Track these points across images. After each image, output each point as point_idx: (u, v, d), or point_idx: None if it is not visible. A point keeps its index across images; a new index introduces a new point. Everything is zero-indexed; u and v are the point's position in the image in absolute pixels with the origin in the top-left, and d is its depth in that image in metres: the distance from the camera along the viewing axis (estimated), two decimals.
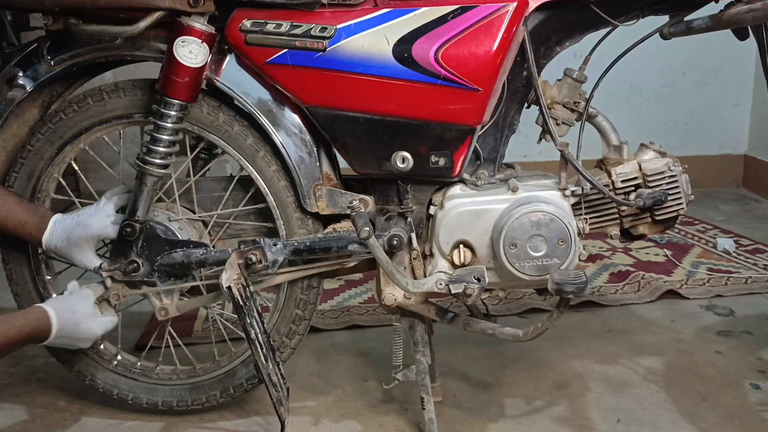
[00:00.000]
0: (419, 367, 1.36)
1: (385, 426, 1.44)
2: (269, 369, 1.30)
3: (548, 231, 1.22)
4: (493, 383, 1.59)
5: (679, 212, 1.31)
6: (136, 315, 1.57)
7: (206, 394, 1.45)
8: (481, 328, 1.32)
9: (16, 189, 1.38)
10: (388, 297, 1.33)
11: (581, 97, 1.33)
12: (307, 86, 1.25)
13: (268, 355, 1.31)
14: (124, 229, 1.32)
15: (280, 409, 1.32)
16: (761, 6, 1.14)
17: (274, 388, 1.31)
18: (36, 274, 1.43)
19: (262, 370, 1.29)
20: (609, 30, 1.30)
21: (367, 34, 1.20)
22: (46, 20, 1.28)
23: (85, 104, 1.35)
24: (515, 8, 1.18)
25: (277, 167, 1.34)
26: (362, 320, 1.92)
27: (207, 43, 1.24)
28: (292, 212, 1.35)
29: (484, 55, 1.19)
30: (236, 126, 1.33)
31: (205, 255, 1.33)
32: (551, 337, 1.77)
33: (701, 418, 1.43)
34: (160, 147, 1.30)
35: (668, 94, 3.25)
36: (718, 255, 2.37)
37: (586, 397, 1.53)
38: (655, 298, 2.01)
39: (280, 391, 1.32)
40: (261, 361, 1.29)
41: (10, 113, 1.33)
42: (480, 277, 1.21)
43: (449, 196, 1.30)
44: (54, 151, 1.37)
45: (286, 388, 1.35)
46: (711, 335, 1.80)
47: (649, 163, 1.30)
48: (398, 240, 1.31)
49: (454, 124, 1.24)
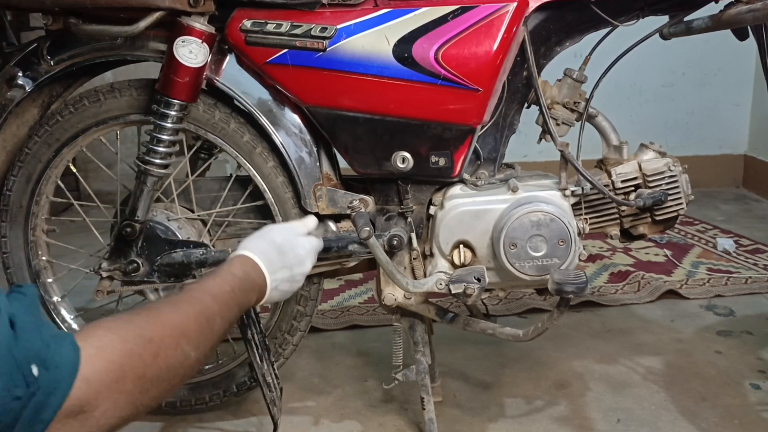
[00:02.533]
0: (419, 367, 1.36)
1: (385, 426, 1.44)
2: (264, 369, 1.30)
3: (548, 231, 1.22)
4: (493, 383, 1.59)
5: (679, 212, 1.31)
6: None
7: (209, 393, 1.45)
8: (481, 328, 1.32)
9: (15, 192, 1.38)
10: (388, 297, 1.33)
11: (581, 97, 1.33)
12: (307, 86, 1.25)
13: (263, 355, 1.31)
14: (124, 229, 1.32)
15: (273, 409, 1.32)
16: (761, 6, 1.14)
17: (268, 389, 1.31)
18: (36, 278, 1.43)
19: (256, 370, 1.29)
20: (609, 30, 1.30)
21: (368, 34, 1.20)
22: (46, 20, 1.28)
23: (81, 106, 1.34)
24: (515, 8, 1.18)
25: (275, 164, 1.34)
26: (362, 320, 1.92)
27: (207, 43, 1.24)
28: (290, 208, 1.35)
29: (485, 55, 1.19)
30: (232, 123, 1.33)
31: (205, 255, 1.33)
32: (551, 337, 1.77)
33: (701, 418, 1.43)
34: (161, 147, 1.29)
35: (668, 94, 3.25)
36: (718, 255, 2.37)
37: (586, 397, 1.53)
38: (655, 298, 2.01)
39: (274, 391, 1.32)
40: (256, 361, 1.29)
41: (9, 113, 1.33)
42: (480, 277, 1.21)
43: (449, 196, 1.30)
44: (51, 153, 1.37)
45: (279, 389, 1.35)
46: (711, 335, 1.80)
47: (649, 163, 1.30)
48: (398, 240, 1.31)
49: (454, 124, 1.24)
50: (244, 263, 1.03)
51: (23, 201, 1.39)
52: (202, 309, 0.88)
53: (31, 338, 0.65)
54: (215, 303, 0.91)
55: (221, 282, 0.96)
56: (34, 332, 0.66)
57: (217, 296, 0.93)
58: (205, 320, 0.88)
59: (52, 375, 0.65)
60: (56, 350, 0.66)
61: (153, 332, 0.78)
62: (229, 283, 0.97)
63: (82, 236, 1.55)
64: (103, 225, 1.47)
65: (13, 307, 0.66)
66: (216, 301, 0.92)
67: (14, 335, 0.64)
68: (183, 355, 0.81)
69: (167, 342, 0.79)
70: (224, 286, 0.95)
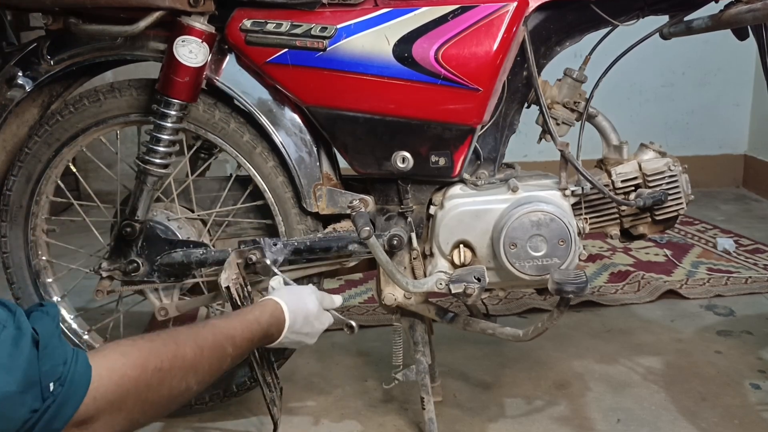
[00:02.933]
0: (419, 367, 1.36)
1: (385, 426, 1.44)
2: (263, 369, 1.30)
3: (548, 231, 1.22)
4: (493, 383, 1.59)
5: (679, 212, 1.31)
6: (136, 315, 1.57)
7: (209, 393, 1.45)
8: (481, 328, 1.32)
9: (15, 192, 1.38)
10: (388, 297, 1.33)
11: (581, 97, 1.33)
12: (307, 86, 1.25)
13: (263, 355, 1.31)
14: (124, 228, 1.32)
15: (273, 409, 1.32)
16: (761, 6, 1.14)
17: (268, 388, 1.31)
18: (36, 278, 1.43)
19: (256, 370, 1.29)
20: (609, 30, 1.30)
21: (368, 33, 1.20)
22: (46, 20, 1.28)
23: (81, 105, 1.34)
24: (515, 8, 1.18)
25: (275, 163, 1.34)
26: (362, 320, 1.92)
27: (207, 42, 1.24)
28: (290, 208, 1.35)
29: (485, 55, 1.19)
30: (232, 123, 1.33)
31: (204, 255, 1.33)
32: (551, 337, 1.77)
33: (701, 418, 1.43)
34: (161, 147, 1.29)
35: (668, 94, 3.25)
36: (718, 255, 2.37)
37: (586, 397, 1.53)
38: (655, 298, 2.01)
39: (274, 391, 1.32)
40: (256, 360, 1.29)
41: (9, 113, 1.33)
42: (480, 277, 1.21)
43: (449, 195, 1.30)
44: (51, 153, 1.37)
45: (279, 389, 1.35)
46: (711, 335, 1.80)
47: (649, 163, 1.30)
48: (398, 240, 1.31)
49: (454, 124, 1.24)
50: (274, 316, 1.10)
51: (23, 201, 1.39)
52: (218, 353, 0.95)
53: (51, 357, 0.74)
54: (233, 348, 0.98)
55: (246, 329, 1.03)
56: (54, 351, 0.75)
57: (237, 343, 1.00)
58: (217, 361, 0.95)
59: (66, 390, 0.74)
60: (72, 368, 0.75)
61: (164, 362, 0.85)
62: (252, 332, 1.04)
63: (82, 236, 1.55)
64: (103, 225, 1.47)
65: (37, 325, 0.75)
66: (234, 347, 0.99)
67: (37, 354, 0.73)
68: (186, 387, 0.89)
69: (175, 373, 0.87)
70: (246, 334, 1.02)
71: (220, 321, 1.03)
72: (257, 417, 1.48)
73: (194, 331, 0.95)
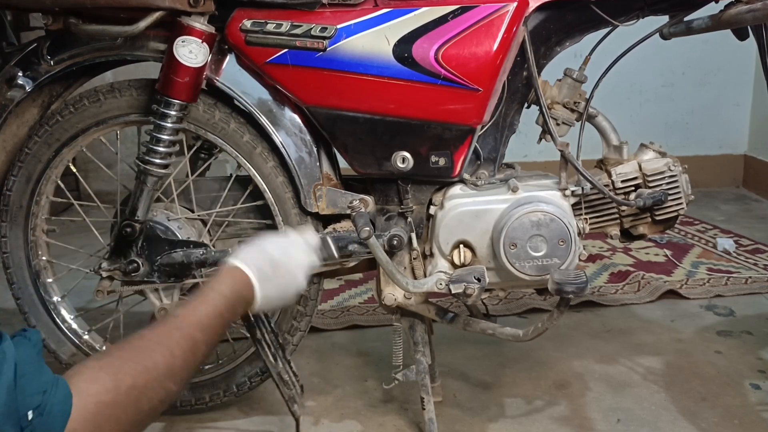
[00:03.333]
0: (419, 367, 1.36)
1: (385, 426, 1.44)
2: (279, 368, 1.30)
3: (548, 231, 1.22)
4: (493, 383, 1.59)
5: (679, 212, 1.31)
6: (136, 315, 1.57)
7: (210, 393, 1.45)
8: (481, 328, 1.32)
9: (15, 192, 1.38)
10: (388, 297, 1.33)
11: (581, 97, 1.33)
12: (307, 86, 1.25)
13: (277, 354, 1.30)
14: (124, 229, 1.32)
15: (293, 406, 1.31)
16: (761, 6, 1.14)
17: (285, 386, 1.30)
18: (36, 278, 1.43)
19: (271, 370, 1.29)
20: (609, 30, 1.30)
21: (368, 34, 1.20)
22: (46, 20, 1.28)
23: (81, 106, 1.34)
24: (515, 8, 1.18)
25: (275, 163, 1.34)
26: (362, 320, 1.92)
27: (207, 43, 1.24)
28: (290, 208, 1.35)
29: (485, 55, 1.19)
30: (232, 123, 1.33)
31: (205, 255, 1.33)
32: (551, 337, 1.77)
33: (701, 418, 1.43)
34: (161, 147, 1.29)
35: (668, 94, 3.25)
36: (718, 255, 2.37)
37: (586, 397, 1.53)
38: (655, 298, 2.01)
39: (293, 388, 1.32)
40: (269, 360, 1.28)
41: (9, 113, 1.33)
42: (480, 277, 1.21)
43: (449, 196, 1.30)
44: (51, 153, 1.37)
45: (300, 386, 1.34)
46: (711, 335, 1.80)
47: (649, 163, 1.30)
48: (398, 240, 1.31)
49: (454, 124, 1.24)
50: (234, 278, 1.01)
51: (23, 201, 1.39)
52: (189, 346, 0.90)
53: (31, 385, 0.72)
54: (202, 334, 0.92)
55: (211, 309, 0.95)
56: (35, 380, 0.73)
57: (206, 327, 0.93)
58: (191, 355, 0.90)
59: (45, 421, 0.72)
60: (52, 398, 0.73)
61: (136, 379, 0.81)
62: (218, 307, 0.96)
63: (82, 236, 1.55)
64: (103, 225, 1.47)
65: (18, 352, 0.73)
66: (203, 332, 0.92)
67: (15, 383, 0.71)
68: (166, 392, 0.86)
69: (150, 385, 0.83)
70: (212, 312, 0.95)
71: (182, 310, 0.95)
72: (262, 417, 1.48)
73: (158, 332, 0.90)
